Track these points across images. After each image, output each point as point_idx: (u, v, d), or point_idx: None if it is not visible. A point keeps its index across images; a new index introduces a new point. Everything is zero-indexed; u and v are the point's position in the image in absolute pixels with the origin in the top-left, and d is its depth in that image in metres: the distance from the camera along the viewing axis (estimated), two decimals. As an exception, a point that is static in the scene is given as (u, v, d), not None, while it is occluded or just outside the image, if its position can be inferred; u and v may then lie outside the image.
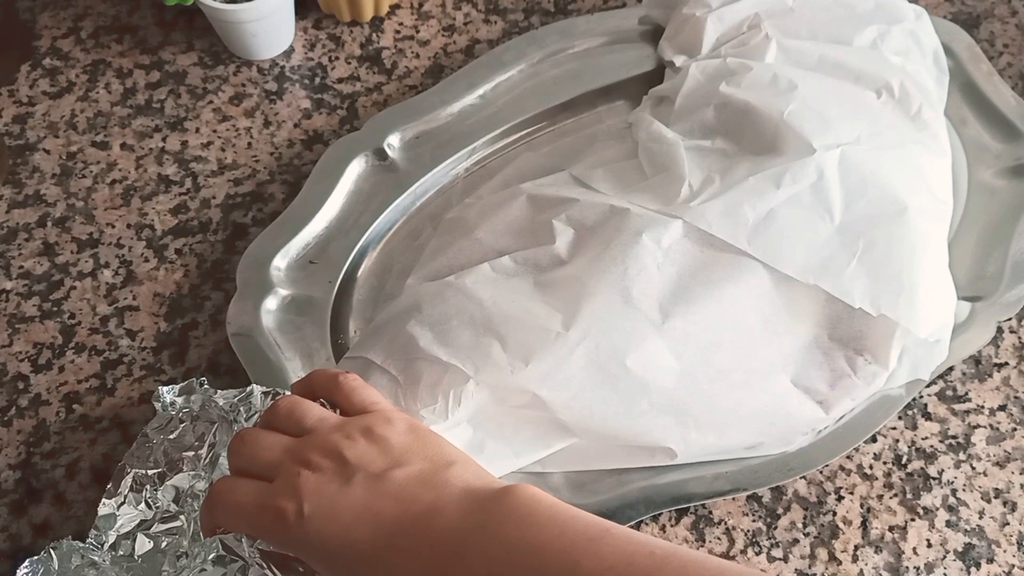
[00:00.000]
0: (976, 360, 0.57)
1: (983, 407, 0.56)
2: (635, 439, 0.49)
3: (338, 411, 0.45)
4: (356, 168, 0.60)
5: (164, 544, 0.45)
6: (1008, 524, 0.52)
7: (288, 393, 0.47)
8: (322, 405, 0.45)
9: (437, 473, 0.40)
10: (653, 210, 0.52)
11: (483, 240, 0.55)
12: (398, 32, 0.69)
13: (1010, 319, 0.58)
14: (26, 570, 0.43)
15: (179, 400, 0.49)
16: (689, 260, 0.51)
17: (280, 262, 0.56)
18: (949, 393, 0.56)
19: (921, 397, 0.56)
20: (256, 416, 0.48)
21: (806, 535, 0.52)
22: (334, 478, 0.40)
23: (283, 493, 0.40)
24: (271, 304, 0.55)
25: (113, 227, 0.61)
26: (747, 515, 0.52)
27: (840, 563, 0.51)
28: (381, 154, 0.61)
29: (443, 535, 0.38)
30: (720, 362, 0.50)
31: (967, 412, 0.55)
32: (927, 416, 0.55)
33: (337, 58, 0.68)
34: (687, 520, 0.52)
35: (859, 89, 0.58)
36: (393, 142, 0.61)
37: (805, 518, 0.52)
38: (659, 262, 0.51)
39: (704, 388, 0.49)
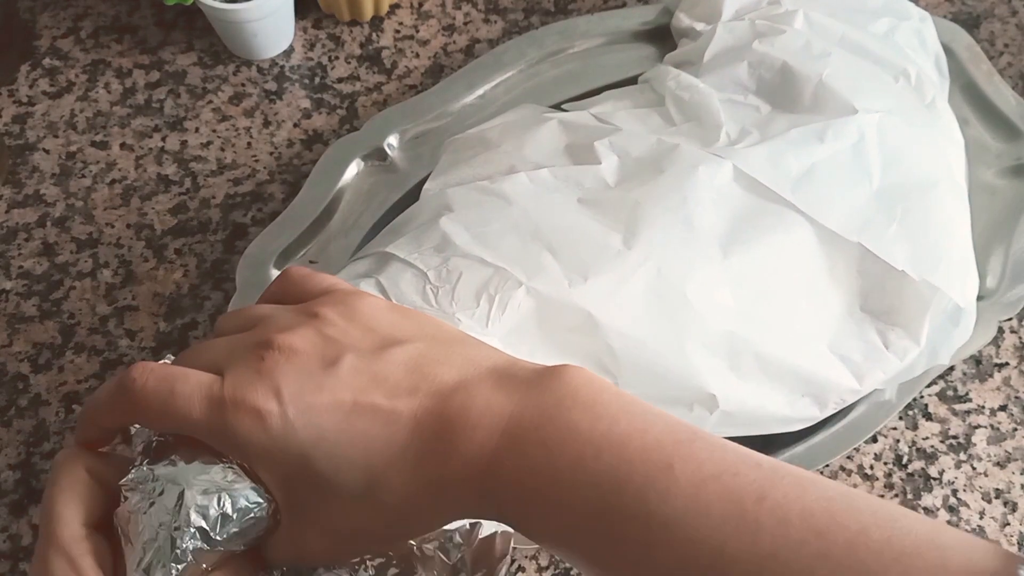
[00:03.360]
0: (976, 360, 0.57)
1: (984, 407, 0.56)
2: (681, 380, 0.46)
3: None
4: (356, 168, 0.60)
5: None
6: (1009, 524, 0.52)
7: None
8: None
9: (450, 349, 0.32)
10: (701, 149, 0.50)
11: (512, 154, 0.50)
12: (398, 32, 0.69)
13: (1010, 319, 0.58)
14: None
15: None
16: (740, 204, 0.49)
17: (280, 262, 0.56)
18: (950, 393, 0.56)
19: (921, 397, 0.56)
20: None
21: (806, 535, 0.52)
22: (313, 360, 0.30)
23: (247, 382, 0.30)
24: (271, 304, 0.55)
25: (112, 227, 0.61)
26: (747, 515, 0.52)
27: (840, 563, 0.51)
28: (381, 154, 0.61)
29: (483, 420, 0.30)
30: (769, 312, 0.48)
31: (968, 412, 0.55)
32: (928, 416, 0.55)
33: (337, 58, 0.68)
34: (687, 520, 0.52)
35: (879, 71, 0.57)
36: (393, 142, 0.61)
37: (805, 518, 0.52)
38: (713, 199, 0.48)
39: (755, 336, 0.47)
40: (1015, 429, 0.55)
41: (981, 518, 0.52)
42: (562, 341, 0.44)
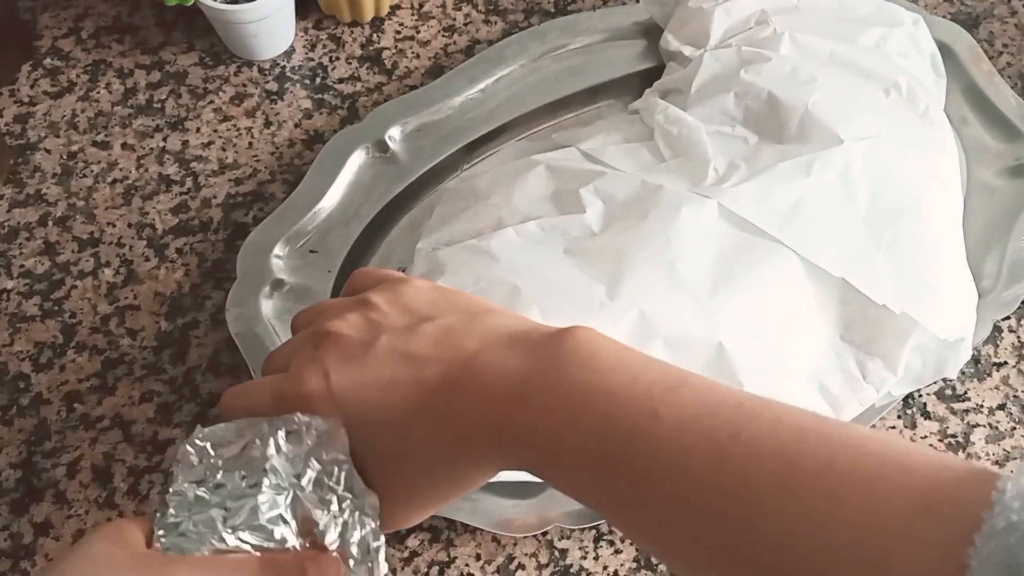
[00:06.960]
0: (975, 359, 0.57)
1: (982, 406, 0.56)
2: None
3: None
4: (357, 159, 0.60)
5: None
6: (1008, 523, 0.52)
7: None
8: None
9: (475, 321, 0.35)
10: (685, 189, 0.51)
11: (501, 206, 0.52)
12: (398, 32, 0.69)
13: (1009, 318, 0.58)
14: None
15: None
16: (726, 241, 0.50)
17: (280, 250, 0.57)
18: (948, 392, 0.56)
19: (920, 396, 0.56)
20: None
21: (806, 533, 0.52)
22: (356, 344, 0.35)
23: (302, 370, 0.35)
24: (270, 292, 0.55)
25: (114, 226, 0.61)
26: (747, 514, 0.52)
27: (840, 561, 0.51)
28: (382, 146, 0.61)
29: (496, 382, 0.33)
30: (752, 346, 0.48)
31: (966, 411, 0.55)
32: (926, 415, 0.55)
33: (338, 58, 0.68)
34: (687, 518, 0.52)
35: (870, 86, 0.58)
36: (394, 134, 0.61)
37: (805, 517, 0.52)
38: (698, 239, 0.49)
39: (739, 374, 0.48)
40: (1014, 428, 0.55)
41: (980, 516, 0.52)
42: None
